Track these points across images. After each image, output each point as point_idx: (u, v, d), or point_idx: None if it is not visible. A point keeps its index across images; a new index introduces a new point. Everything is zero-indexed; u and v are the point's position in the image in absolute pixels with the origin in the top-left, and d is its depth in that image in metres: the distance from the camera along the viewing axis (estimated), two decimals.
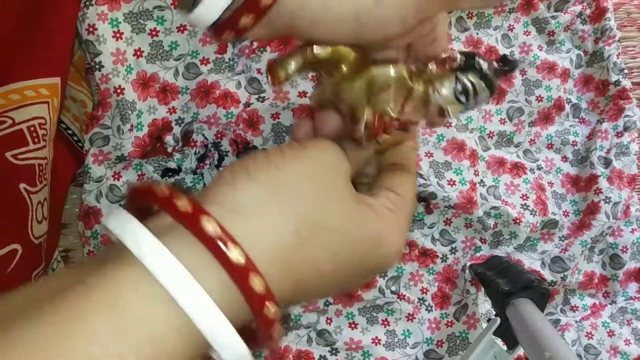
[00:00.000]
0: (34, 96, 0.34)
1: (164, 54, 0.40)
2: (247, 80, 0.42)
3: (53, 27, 0.35)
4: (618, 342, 0.47)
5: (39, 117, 0.34)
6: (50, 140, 0.36)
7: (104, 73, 0.38)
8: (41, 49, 0.35)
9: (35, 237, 0.34)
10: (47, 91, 0.35)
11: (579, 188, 0.50)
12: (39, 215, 0.34)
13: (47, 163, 0.35)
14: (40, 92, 0.34)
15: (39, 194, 0.34)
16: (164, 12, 0.40)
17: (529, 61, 0.49)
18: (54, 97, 0.35)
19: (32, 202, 0.33)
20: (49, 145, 0.35)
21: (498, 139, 0.49)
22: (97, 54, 0.38)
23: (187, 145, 0.42)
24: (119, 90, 0.38)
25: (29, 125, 0.34)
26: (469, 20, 0.48)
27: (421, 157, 0.45)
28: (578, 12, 0.51)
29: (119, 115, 0.39)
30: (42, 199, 0.35)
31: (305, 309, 0.43)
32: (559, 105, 0.50)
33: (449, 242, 0.46)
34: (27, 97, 0.34)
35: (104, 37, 0.38)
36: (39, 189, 0.34)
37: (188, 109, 0.42)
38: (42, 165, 0.34)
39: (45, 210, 0.35)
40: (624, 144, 0.50)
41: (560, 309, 0.49)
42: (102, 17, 0.38)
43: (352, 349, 0.44)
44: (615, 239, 0.49)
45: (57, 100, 0.36)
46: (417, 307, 0.45)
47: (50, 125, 0.35)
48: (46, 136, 0.35)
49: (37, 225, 0.34)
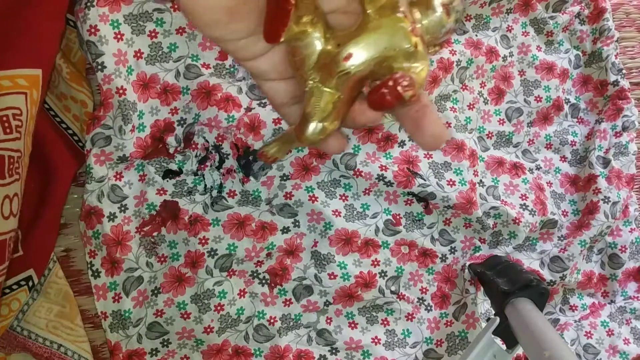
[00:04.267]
0: (10, 86, 0.33)
1: (163, 56, 0.40)
2: (248, 87, 0.42)
3: (37, 18, 0.34)
4: (617, 342, 0.48)
5: (14, 107, 0.33)
6: (27, 133, 0.35)
7: (106, 74, 0.38)
8: (22, 39, 0.34)
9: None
10: (26, 82, 0.34)
11: (578, 188, 0.50)
12: (6, 210, 0.33)
13: (20, 157, 0.34)
14: (17, 82, 0.33)
15: (7, 188, 0.33)
16: (163, 14, 0.40)
17: (527, 62, 0.50)
18: (34, 88, 0.34)
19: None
20: (24, 139, 0.34)
21: (497, 139, 0.49)
22: (99, 54, 0.38)
23: (188, 147, 0.42)
24: (121, 90, 0.39)
25: (2, 115, 0.32)
26: (468, 23, 0.48)
27: (420, 159, 0.45)
28: (576, 12, 0.51)
29: (120, 115, 0.39)
30: (12, 194, 0.33)
31: (305, 308, 0.44)
32: (557, 106, 0.50)
33: (448, 242, 0.46)
34: (3, 87, 0.33)
35: (105, 38, 0.38)
36: (8, 182, 0.33)
37: (189, 110, 0.42)
38: (14, 158, 0.33)
39: (15, 207, 0.34)
40: (623, 143, 0.50)
41: (560, 309, 0.49)
42: (103, 18, 0.38)
43: (352, 348, 0.44)
44: (614, 239, 0.49)
45: (37, 92, 0.35)
46: (416, 306, 0.45)
47: (27, 118, 0.34)
48: (21, 128, 0.33)
49: (2, 221, 0.32)
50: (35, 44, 0.35)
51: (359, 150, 0.44)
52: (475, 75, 0.48)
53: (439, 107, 0.46)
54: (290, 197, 0.43)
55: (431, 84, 0.45)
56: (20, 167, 0.34)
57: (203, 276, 0.41)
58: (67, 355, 0.39)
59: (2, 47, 0.33)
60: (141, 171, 0.41)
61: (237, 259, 0.42)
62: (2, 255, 0.33)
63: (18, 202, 0.34)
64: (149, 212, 0.41)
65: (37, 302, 0.39)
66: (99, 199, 0.40)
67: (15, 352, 0.39)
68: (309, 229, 0.44)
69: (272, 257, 0.43)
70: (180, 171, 0.42)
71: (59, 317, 0.39)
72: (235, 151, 0.43)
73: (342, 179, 0.44)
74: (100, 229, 0.40)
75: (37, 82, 0.35)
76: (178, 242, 0.42)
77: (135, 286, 0.41)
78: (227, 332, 0.42)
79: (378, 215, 0.45)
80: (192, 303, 0.41)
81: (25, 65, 0.34)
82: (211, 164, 0.43)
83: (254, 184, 0.43)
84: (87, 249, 0.41)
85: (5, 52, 0.33)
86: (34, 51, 0.35)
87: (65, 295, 0.40)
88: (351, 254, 0.44)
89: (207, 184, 0.42)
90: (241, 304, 0.42)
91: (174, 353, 0.42)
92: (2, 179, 0.32)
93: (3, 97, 0.33)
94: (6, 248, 0.33)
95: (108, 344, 0.41)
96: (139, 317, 0.41)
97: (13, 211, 0.34)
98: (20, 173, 0.34)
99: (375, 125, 0.44)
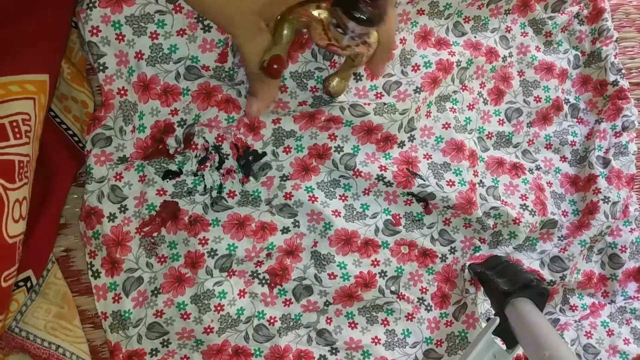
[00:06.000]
0: (19, 92, 0.33)
1: (164, 57, 0.40)
2: (248, 91, 0.42)
3: (43, 23, 0.35)
4: (617, 342, 0.47)
5: (23, 113, 0.34)
6: (35, 138, 0.35)
7: (107, 74, 0.38)
8: (29, 45, 0.34)
9: (9, 236, 0.33)
10: (34, 87, 0.34)
11: (578, 188, 0.50)
12: (16, 214, 0.33)
13: (29, 161, 0.34)
14: (26, 88, 0.34)
15: (17, 192, 0.33)
16: (164, 15, 0.40)
17: (526, 62, 0.50)
18: (41, 94, 0.35)
19: (9, 198, 0.33)
20: (33, 144, 0.35)
21: (497, 140, 0.49)
22: (101, 55, 0.38)
23: (188, 147, 0.42)
24: (122, 91, 0.39)
25: (12, 120, 0.33)
26: (466, 25, 0.48)
27: (420, 159, 0.45)
28: (575, 12, 0.51)
29: (121, 116, 0.39)
30: (21, 198, 0.34)
31: (305, 309, 0.44)
32: (557, 106, 0.50)
33: (448, 242, 0.46)
34: (12, 92, 0.33)
35: (107, 39, 0.38)
36: (18, 186, 0.33)
37: (190, 111, 0.42)
38: (23, 163, 0.34)
39: (24, 210, 0.34)
40: (623, 143, 0.50)
41: (560, 309, 0.49)
42: (105, 19, 0.38)
43: (352, 348, 0.44)
44: (614, 239, 0.49)
45: (45, 97, 0.35)
46: (416, 306, 0.45)
47: (35, 123, 0.34)
48: (29, 133, 0.34)
49: (13, 224, 0.33)
50: (42, 50, 0.35)
51: (358, 150, 0.44)
52: (475, 75, 0.48)
53: (439, 108, 0.47)
54: (290, 197, 0.43)
55: (431, 84, 0.45)
56: (29, 171, 0.35)
57: (203, 276, 0.41)
58: (65, 357, 0.39)
59: (10, 53, 0.34)
60: (141, 172, 0.41)
61: (237, 259, 0.42)
62: (12, 258, 0.34)
63: (27, 205, 0.35)
64: (149, 213, 0.41)
65: (36, 303, 0.39)
66: (99, 199, 0.40)
67: (13, 353, 0.39)
68: (309, 229, 0.44)
69: (272, 257, 0.43)
70: (180, 172, 0.42)
71: (58, 318, 0.40)
72: (235, 151, 0.43)
73: (341, 179, 0.44)
74: (100, 229, 0.40)
75: (44, 87, 0.35)
76: (178, 242, 0.42)
77: (135, 287, 0.41)
78: (227, 332, 0.42)
79: (378, 216, 0.45)
80: (192, 303, 0.41)
81: (33, 71, 0.34)
82: (211, 165, 0.43)
83: (254, 184, 0.43)
84: (87, 250, 0.41)
85: (13, 58, 0.34)
86: (41, 56, 0.35)
87: (64, 296, 0.40)
88: (351, 254, 0.44)
89: (207, 184, 0.43)
90: (241, 304, 0.42)
91: (174, 353, 0.42)
92: (12, 183, 0.33)
93: (12, 102, 0.33)
94: (16, 251, 0.34)
95: (108, 344, 0.41)
96: (139, 318, 0.41)
97: (22, 214, 0.34)
98: (28, 177, 0.35)
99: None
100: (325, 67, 0.44)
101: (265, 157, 0.43)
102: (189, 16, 0.41)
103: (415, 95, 0.44)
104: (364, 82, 0.45)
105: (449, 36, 0.48)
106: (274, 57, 0.38)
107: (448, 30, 0.48)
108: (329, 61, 0.44)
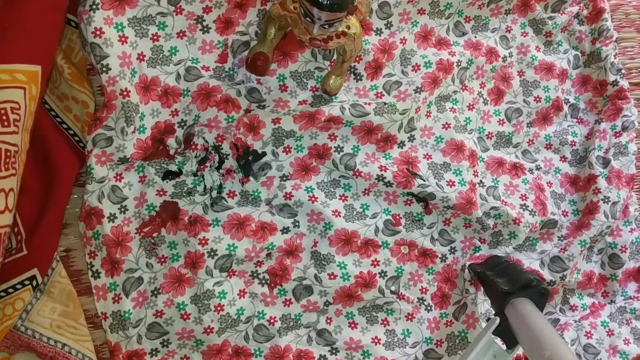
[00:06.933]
0: (9, 80, 0.33)
1: (164, 59, 0.40)
2: (247, 90, 0.42)
3: (35, 13, 0.35)
4: (617, 342, 0.47)
5: (12, 101, 0.33)
6: (25, 129, 0.35)
7: (111, 75, 0.38)
8: (20, 34, 0.34)
9: None
10: (25, 77, 0.34)
11: (578, 188, 0.50)
12: (1, 204, 0.33)
13: (17, 152, 0.34)
14: (16, 77, 0.34)
15: (2, 181, 0.33)
16: (165, 17, 0.40)
17: (526, 62, 0.50)
18: (33, 84, 0.35)
19: None
20: (22, 134, 0.34)
21: (497, 140, 0.49)
22: (104, 56, 0.38)
23: (188, 148, 0.42)
24: (125, 92, 0.39)
25: (0, 108, 0.33)
26: (467, 25, 0.48)
27: (420, 159, 0.45)
28: (575, 12, 0.51)
29: (123, 117, 0.39)
30: (7, 188, 0.33)
31: (305, 308, 0.44)
32: (557, 106, 0.50)
33: (448, 242, 0.46)
34: (1, 80, 0.33)
35: (110, 40, 0.38)
36: (4, 175, 0.33)
37: (190, 111, 0.42)
38: (10, 152, 0.33)
39: (11, 202, 0.34)
40: (623, 143, 0.50)
41: (560, 309, 0.49)
42: (108, 21, 0.38)
43: (352, 348, 0.44)
44: (614, 239, 0.49)
45: (37, 88, 0.35)
46: (416, 306, 0.45)
47: (25, 113, 0.34)
48: (18, 122, 0.34)
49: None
50: (33, 40, 0.35)
51: (358, 150, 0.44)
52: (475, 75, 0.48)
53: (439, 108, 0.47)
54: (290, 197, 0.43)
55: (431, 84, 0.45)
56: (17, 162, 0.34)
57: (203, 277, 0.41)
58: (71, 355, 0.39)
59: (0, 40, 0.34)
60: (141, 172, 0.41)
61: (237, 259, 0.42)
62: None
63: (14, 197, 0.34)
64: (149, 213, 0.41)
65: (41, 302, 0.39)
66: (99, 199, 0.40)
67: (19, 352, 0.39)
68: (309, 229, 0.44)
69: (272, 258, 0.43)
70: (180, 172, 0.42)
71: (63, 317, 0.40)
72: (235, 151, 0.43)
73: (341, 179, 0.44)
74: (100, 229, 0.40)
75: (36, 78, 0.35)
76: (178, 242, 0.42)
77: (135, 287, 0.41)
78: (227, 332, 0.42)
79: (378, 216, 0.45)
80: (192, 303, 0.41)
81: (24, 61, 0.34)
82: (211, 165, 0.43)
83: (254, 184, 0.43)
84: (87, 250, 0.41)
85: (4, 45, 0.33)
86: (33, 47, 0.35)
87: (69, 295, 0.40)
88: (351, 254, 0.44)
89: (207, 184, 0.43)
90: (241, 304, 0.42)
91: (174, 353, 0.42)
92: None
93: (1, 90, 0.33)
94: (1, 243, 0.34)
95: (108, 344, 0.41)
96: (138, 318, 0.41)
97: (9, 206, 0.34)
98: (16, 168, 0.34)
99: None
100: (325, 67, 0.44)
101: (265, 157, 0.43)
102: (189, 17, 0.41)
103: (416, 95, 0.44)
104: (364, 81, 0.45)
105: (449, 36, 0.48)
106: (257, 53, 0.40)
107: (449, 30, 0.48)
108: (329, 61, 0.44)
